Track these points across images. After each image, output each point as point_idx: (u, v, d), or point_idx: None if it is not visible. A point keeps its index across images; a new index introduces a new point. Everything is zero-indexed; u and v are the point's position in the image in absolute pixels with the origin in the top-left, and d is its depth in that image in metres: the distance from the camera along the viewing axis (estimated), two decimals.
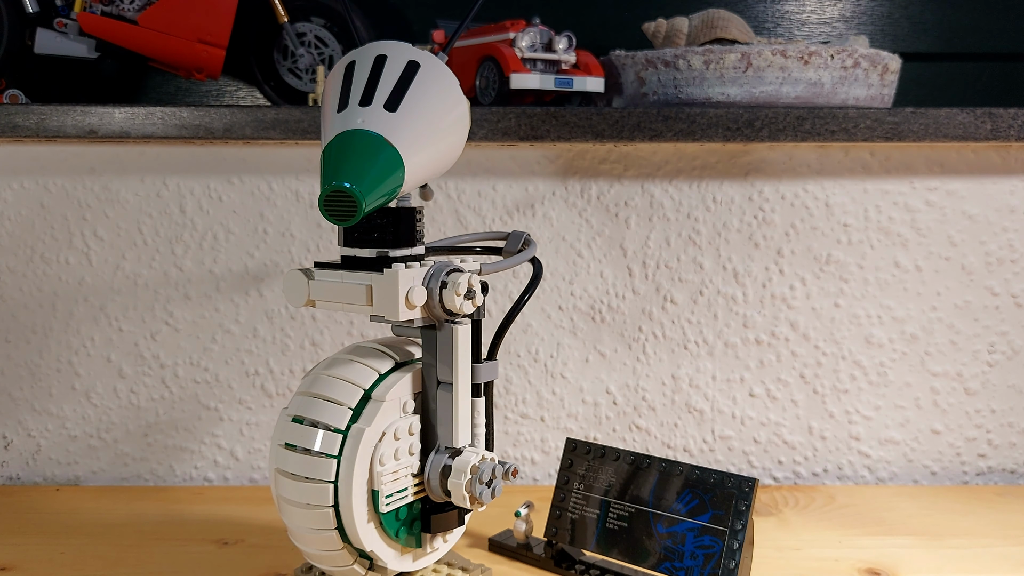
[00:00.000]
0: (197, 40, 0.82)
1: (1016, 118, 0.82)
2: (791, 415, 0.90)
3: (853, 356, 0.89)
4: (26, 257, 0.88)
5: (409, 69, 0.53)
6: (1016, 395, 0.90)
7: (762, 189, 0.87)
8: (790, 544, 0.74)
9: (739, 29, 0.85)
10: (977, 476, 0.92)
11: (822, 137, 0.81)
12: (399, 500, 0.58)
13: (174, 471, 0.91)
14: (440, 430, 0.59)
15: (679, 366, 0.90)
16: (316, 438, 0.55)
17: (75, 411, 0.90)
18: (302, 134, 0.82)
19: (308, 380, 0.58)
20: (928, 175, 0.87)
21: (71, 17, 0.83)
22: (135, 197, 0.87)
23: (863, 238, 0.88)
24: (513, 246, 0.64)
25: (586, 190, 0.88)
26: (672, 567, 0.63)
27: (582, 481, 0.69)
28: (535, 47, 0.83)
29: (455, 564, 0.65)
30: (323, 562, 0.58)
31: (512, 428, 0.91)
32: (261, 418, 0.90)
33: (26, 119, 0.81)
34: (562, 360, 0.90)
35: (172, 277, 0.88)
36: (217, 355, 0.89)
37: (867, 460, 0.91)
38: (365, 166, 0.49)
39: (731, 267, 0.88)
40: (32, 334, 0.89)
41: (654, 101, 0.85)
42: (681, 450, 0.91)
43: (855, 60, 0.81)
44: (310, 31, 0.87)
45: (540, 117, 0.81)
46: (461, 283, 0.56)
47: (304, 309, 0.89)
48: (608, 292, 0.89)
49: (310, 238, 0.88)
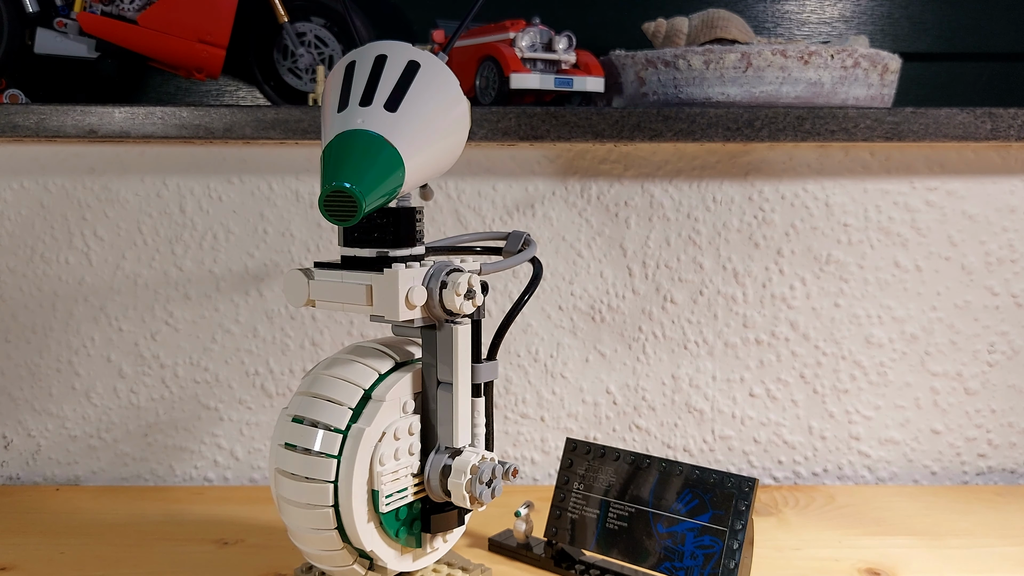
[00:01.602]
0: (197, 40, 0.82)
1: (1016, 118, 0.82)
2: (791, 415, 0.90)
3: (853, 356, 0.90)
4: (26, 257, 0.88)
5: (409, 69, 0.53)
6: (1016, 395, 0.90)
7: (762, 189, 0.87)
8: (790, 544, 0.74)
9: (739, 29, 0.85)
10: (977, 476, 0.92)
11: (822, 137, 0.81)
12: (399, 500, 0.58)
13: (174, 471, 0.91)
14: (440, 430, 0.59)
15: (679, 366, 0.90)
16: (316, 438, 0.55)
17: (75, 411, 0.90)
18: (302, 134, 0.82)
19: (308, 380, 0.58)
20: (928, 175, 0.87)
21: (71, 17, 0.83)
22: (135, 197, 0.87)
23: (863, 238, 0.88)
24: (513, 246, 0.64)
25: (586, 190, 0.88)
26: (672, 567, 0.63)
27: (582, 481, 0.69)
28: (535, 47, 0.83)
29: (455, 564, 0.65)
30: (323, 562, 0.58)
31: (512, 428, 0.91)
32: (261, 418, 0.90)
33: (26, 119, 0.81)
34: (562, 360, 0.90)
35: (172, 277, 0.88)
36: (217, 355, 0.89)
37: (867, 460, 0.91)
38: (365, 166, 0.49)
39: (731, 267, 0.88)
40: (32, 334, 0.89)
41: (654, 101, 0.85)
42: (681, 450, 0.91)
43: (855, 60, 0.81)
44: (310, 31, 0.87)
45: (540, 117, 0.81)
46: (461, 283, 0.56)
47: (304, 309, 0.89)
48: (608, 292, 0.89)
49: (310, 238, 0.88)
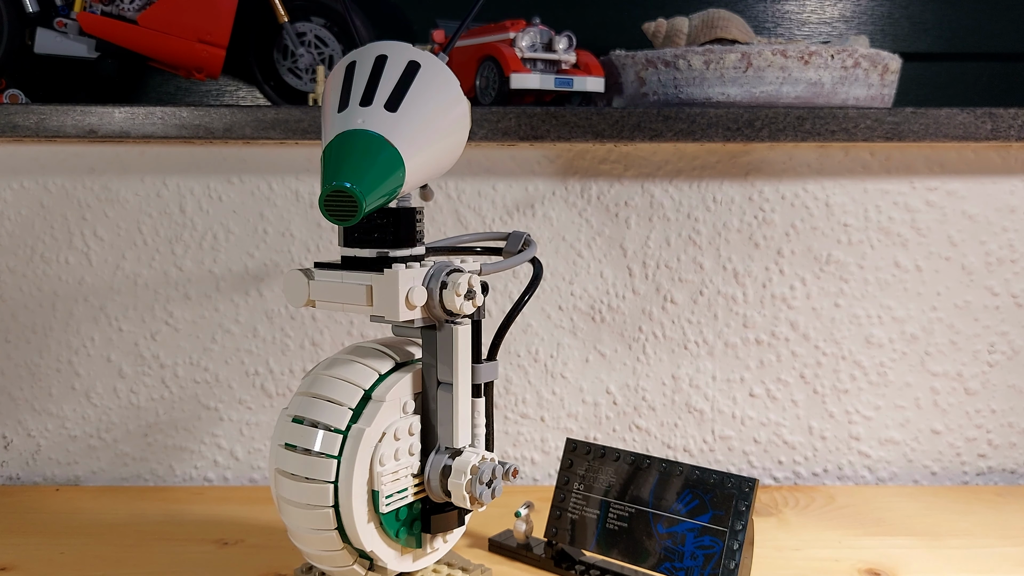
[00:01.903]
0: (197, 40, 0.82)
1: (1016, 118, 0.82)
2: (791, 415, 0.90)
3: (853, 356, 0.89)
4: (26, 257, 0.88)
5: (410, 69, 0.53)
6: (1016, 395, 0.90)
7: (762, 189, 0.87)
8: (790, 544, 0.74)
9: (739, 29, 0.85)
10: (977, 476, 0.92)
11: (822, 137, 0.81)
12: (399, 500, 0.58)
13: (174, 471, 0.91)
14: (440, 430, 0.59)
15: (679, 366, 0.90)
16: (316, 438, 0.55)
17: (75, 411, 0.90)
18: (302, 134, 0.82)
19: (308, 380, 0.58)
20: (928, 175, 0.87)
21: (71, 17, 0.83)
22: (135, 197, 0.87)
23: (863, 238, 0.88)
24: (513, 246, 0.64)
25: (586, 190, 0.88)
26: (672, 567, 0.63)
27: (582, 481, 0.69)
28: (535, 47, 0.83)
29: (455, 564, 0.65)
30: (323, 562, 0.58)
31: (512, 428, 0.91)
32: (261, 418, 0.90)
33: (26, 119, 0.81)
34: (562, 360, 0.90)
35: (172, 277, 0.88)
36: (217, 355, 0.89)
37: (867, 460, 0.91)
38: (365, 166, 0.49)
39: (731, 267, 0.88)
40: (32, 334, 0.89)
41: (654, 101, 0.85)
42: (681, 450, 0.91)
43: (855, 60, 0.81)
44: (310, 31, 0.87)
45: (540, 117, 0.81)
46: (461, 283, 0.56)
47: (304, 309, 0.89)
48: (608, 292, 0.89)
49: (310, 238, 0.88)
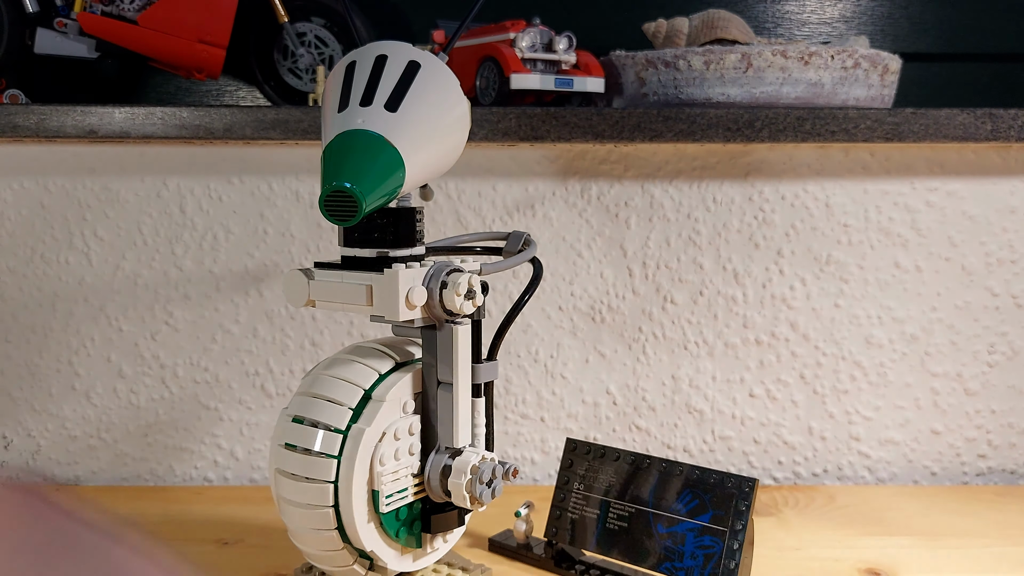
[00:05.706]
0: (197, 40, 0.82)
1: (1016, 118, 0.82)
2: (791, 415, 0.90)
3: (853, 356, 0.89)
4: (26, 257, 0.88)
5: (410, 69, 0.53)
6: (1016, 395, 0.90)
7: (762, 189, 0.87)
8: (790, 544, 0.74)
9: (739, 29, 0.85)
10: (977, 476, 0.92)
11: (822, 137, 0.81)
12: (399, 500, 0.58)
13: (174, 471, 0.91)
14: (440, 430, 0.59)
15: (679, 366, 0.90)
16: (316, 438, 0.55)
17: (75, 411, 0.90)
18: (302, 134, 0.82)
19: (308, 380, 0.58)
20: (928, 176, 0.87)
21: (71, 17, 0.83)
22: (135, 197, 0.87)
23: (863, 238, 0.88)
24: (513, 246, 0.64)
25: (586, 190, 0.88)
26: (672, 567, 0.63)
27: (582, 481, 0.69)
28: (535, 47, 0.83)
29: (455, 564, 0.65)
30: (323, 562, 0.58)
31: (512, 428, 0.91)
32: (261, 418, 0.90)
33: (26, 119, 0.81)
34: (562, 360, 0.90)
35: (172, 277, 0.88)
36: (217, 355, 0.89)
37: (867, 460, 0.91)
38: (365, 166, 0.50)
39: (731, 267, 0.88)
40: (32, 334, 0.89)
41: (654, 101, 0.85)
42: (681, 450, 0.91)
43: (855, 60, 0.81)
44: (310, 31, 0.87)
45: (540, 117, 0.81)
46: (461, 283, 0.56)
47: (304, 309, 0.89)
48: (608, 292, 0.89)
49: (310, 238, 0.88)
